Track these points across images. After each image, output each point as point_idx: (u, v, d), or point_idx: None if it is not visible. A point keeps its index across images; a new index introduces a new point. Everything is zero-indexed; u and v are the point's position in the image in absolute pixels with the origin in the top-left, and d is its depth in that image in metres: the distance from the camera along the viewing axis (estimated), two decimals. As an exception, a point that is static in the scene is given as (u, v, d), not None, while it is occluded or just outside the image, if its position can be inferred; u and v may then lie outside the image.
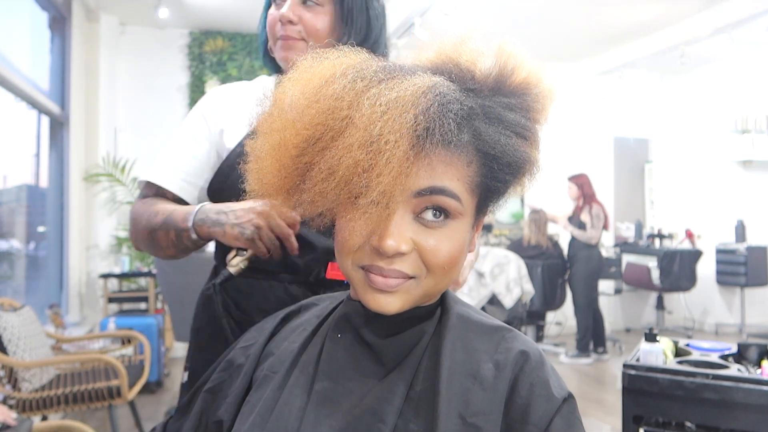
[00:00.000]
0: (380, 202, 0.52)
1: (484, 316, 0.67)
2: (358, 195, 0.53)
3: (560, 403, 0.58)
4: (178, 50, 4.89)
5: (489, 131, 0.57)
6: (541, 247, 4.82)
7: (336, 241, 0.60)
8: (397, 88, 0.53)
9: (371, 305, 0.58)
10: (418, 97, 0.52)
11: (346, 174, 0.52)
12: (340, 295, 0.72)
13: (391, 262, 0.56)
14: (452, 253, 0.58)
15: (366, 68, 0.56)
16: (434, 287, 0.60)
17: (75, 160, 4.08)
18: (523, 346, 0.62)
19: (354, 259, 0.58)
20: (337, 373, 0.61)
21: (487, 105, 0.58)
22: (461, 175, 0.56)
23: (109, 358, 2.62)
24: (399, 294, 0.58)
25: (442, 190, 0.55)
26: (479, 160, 0.57)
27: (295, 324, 0.71)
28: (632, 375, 1.52)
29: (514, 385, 0.58)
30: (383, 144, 0.51)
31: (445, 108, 0.53)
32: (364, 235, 0.56)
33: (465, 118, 0.55)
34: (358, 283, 0.59)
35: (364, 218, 0.54)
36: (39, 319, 2.80)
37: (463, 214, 0.58)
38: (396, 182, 0.52)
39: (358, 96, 0.53)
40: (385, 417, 0.56)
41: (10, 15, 3.62)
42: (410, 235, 0.56)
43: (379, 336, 0.62)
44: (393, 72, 0.56)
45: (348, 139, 0.52)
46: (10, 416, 1.77)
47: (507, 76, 0.60)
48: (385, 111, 0.51)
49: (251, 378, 0.66)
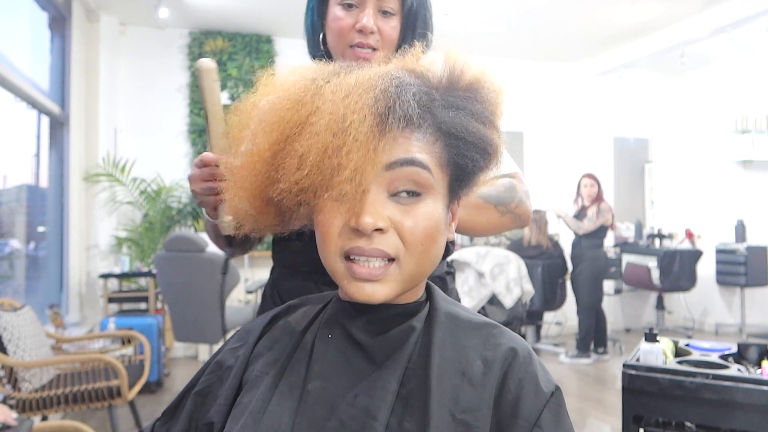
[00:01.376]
0: (353, 179, 0.55)
1: (470, 314, 0.68)
2: (332, 177, 0.56)
3: (548, 396, 0.59)
4: (178, 50, 4.89)
5: (449, 115, 0.60)
6: (541, 247, 4.82)
7: (317, 238, 0.62)
8: (356, 74, 0.58)
9: (357, 296, 0.59)
10: (376, 80, 0.57)
11: (317, 158, 0.55)
12: (328, 295, 0.73)
13: (370, 241, 0.58)
14: (428, 229, 0.59)
15: (324, 69, 0.61)
16: (416, 269, 0.61)
17: (75, 160, 4.08)
18: (512, 342, 0.63)
19: (336, 247, 0.59)
20: (329, 373, 0.62)
21: (444, 96, 0.62)
22: (429, 150, 0.59)
23: (109, 358, 2.62)
24: (383, 281, 0.59)
25: (412, 161, 0.58)
26: (444, 140, 0.60)
27: (284, 324, 0.71)
28: (632, 375, 1.52)
29: (503, 381, 0.60)
30: (348, 125, 0.54)
31: (403, 88, 0.57)
32: (342, 217, 0.58)
33: (424, 103, 0.59)
34: (342, 276, 0.61)
35: (340, 201, 0.57)
36: (39, 319, 2.80)
37: (435, 188, 0.60)
38: (366, 158, 0.55)
39: (320, 88, 0.58)
40: (378, 415, 0.57)
41: (10, 15, 3.63)
42: (387, 214, 0.58)
43: (369, 334, 0.63)
44: (352, 67, 0.61)
45: (314, 127, 0.56)
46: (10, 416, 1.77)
47: (457, 77, 0.64)
48: (346, 95, 0.56)
49: (241, 379, 0.66)
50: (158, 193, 4.58)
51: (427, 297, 0.68)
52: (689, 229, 5.88)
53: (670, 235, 5.89)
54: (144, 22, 4.69)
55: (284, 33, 5.02)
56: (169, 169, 4.75)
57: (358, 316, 0.64)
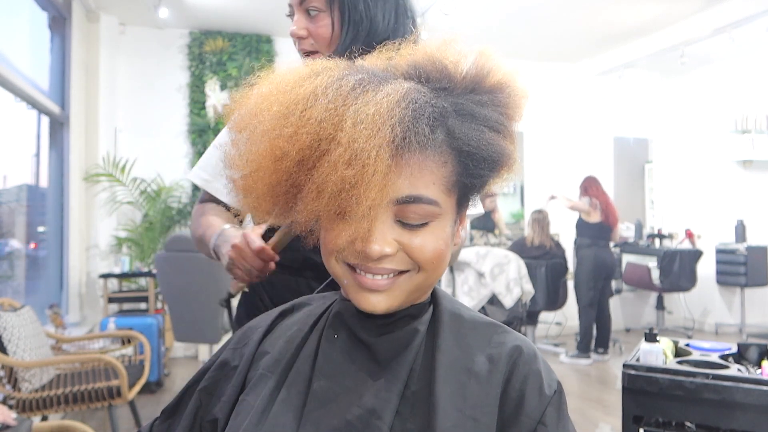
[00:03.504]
0: (368, 214, 0.55)
1: (475, 314, 0.69)
2: (346, 208, 0.55)
3: (552, 394, 0.61)
4: (178, 50, 4.89)
5: (462, 128, 0.59)
6: (544, 248, 4.82)
7: (321, 241, 0.62)
8: (374, 101, 0.55)
9: (362, 305, 0.60)
10: (392, 109, 0.55)
11: (334, 191, 0.55)
12: (333, 294, 0.73)
13: (378, 262, 0.59)
14: (437, 249, 0.60)
15: (344, 85, 0.57)
16: (425, 281, 0.62)
17: (75, 160, 4.08)
18: (517, 341, 0.64)
19: (339, 257, 0.61)
20: (334, 372, 0.62)
21: (459, 102, 0.60)
22: (437, 178, 0.59)
23: (109, 358, 2.62)
24: (389, 291, 0.60)
25: (419, 198, 0.58)
26: (454, 158, 0.59)
27: (289, 323, 0.71)
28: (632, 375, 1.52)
29: (508, 378, 0.61)
30: (365, 158, 0.53)
31: (418, 113, 0.56)
32: (347, 237, 0.58)
33: (437, 119, 0.57)
34: (347, 284, 0.61)
35: (347, 222, 0.57)
36: (39, 319, 2.80)
37: (443, 214, 0.60)
38: (382, 195, 0.54)
39: (341, 116, 0.55)
40: (383, 415, 0.57)
41: (10, 15, 3.63)
42: (394, 237, 0.58)
43: (373, 334, 0.63)
44: (368, 84, 0.58)
45: (333, 157, 0.54)
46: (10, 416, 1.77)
47: (483, 76, 0.63)
48: (365, 127, 0.54)
49: (246, 377, 0.66)
50: (158, 193, 4.58)
51: (431, 299, 0.68)
52: (689, 229, 5.88)
53: (670, 235, 5.89)
54: (144, 22, 4.69)
55: (284, 33, 5.01)
56: (169, 169, 4.75)
57: (362, 316, 0.64)
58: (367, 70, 0.61)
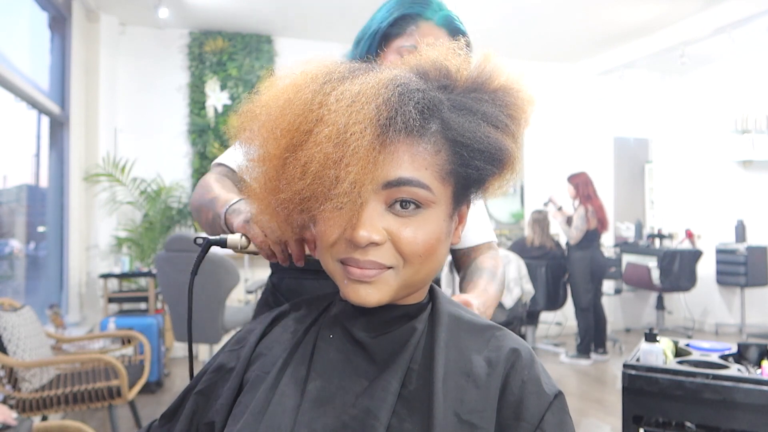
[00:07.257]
0: (351, 192, 0.54)
1: (473, 315, 0.68)
2: (330, 188, 0.55)
3: (551, 399, 0.59)
4: (178, 50, 4.89)
5: (456, 119, 0.59)
6: (545, 248, 4.82)
7: (317, 246, 0.62)
8: (360, 82, 0.56)
9: (351, 297, 0.60)
10: (379, 89, 0.55)
11: (318, 168, 0.55)
12: (331, 296, 0.73)
13: (365, 253, 0.58)
14: (427, 242, 0.59)
15: (334, 71, 0.59)
16: (413, 277, 0.61)
17: (75, 160, 4.08)
18: (514, 344, 0.63)
19: (332, 253, 0.60)
20: (330, 372, 0.62)
21: (456, 98, 0.60)
22: (429, 164, 0.58)
23: (109, 358, 2.62)
24: (378, 284, 0.59)
25: (408, 181, 0.57)
26: (449, 147, 0.59)
27: (285, 324, 0.71)
28: (632, 375, 1.52)
29: (506, 383, 0.59)
30: (349, 136, 0.53)
31: (406, 96, 0.55)
32: (339, 228, 0.58)
33: (430, 108, 0.57)
34: (338, 278, 0.61)
35: (338, 212, 0.56)
36: (39, 319, 2.80)
37: (436, 203, 0.59)
38: (365, 171, 0.54)
39: (326, 96, 0.56)
40: (379, 415, 0.57)
41: (10, 15, 3.63)
42: (383, 226, 0.58)
43: (370, 334, 0.63)
44: (359, 71, 0.59)
45: (318, 136, 0.55)
46: (10, 416, 1.77)
47: (484, 78, 0.63)
48: (349, 104, 0.54)
49: (242, 379, 0.66)
50: (158, 193, 4.58)
51: (429, 299, 0.68)
52: (689, 229, 5.88)
53: (670, 235, 5.89)
54: (144, 22, 4.69)
55: (284, 33, 5.02)
56: (169, 169, 4.75)
57: (359, 316, 0.64)
58: (365, 66, 0.62)
